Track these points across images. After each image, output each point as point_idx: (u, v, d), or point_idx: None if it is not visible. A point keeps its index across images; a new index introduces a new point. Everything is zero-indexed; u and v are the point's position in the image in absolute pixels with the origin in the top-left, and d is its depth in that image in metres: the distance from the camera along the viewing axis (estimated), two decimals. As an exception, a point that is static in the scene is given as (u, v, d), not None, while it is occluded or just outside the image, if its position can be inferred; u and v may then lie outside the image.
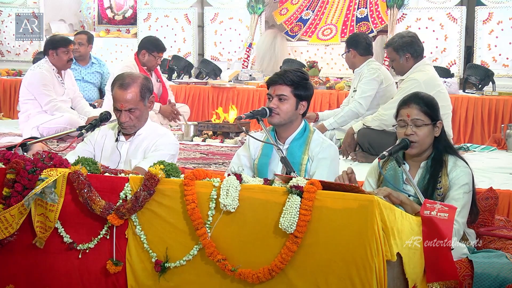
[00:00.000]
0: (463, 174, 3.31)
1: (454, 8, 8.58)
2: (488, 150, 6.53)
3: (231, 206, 2.73)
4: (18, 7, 10.75)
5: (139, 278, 2.93)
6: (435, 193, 3.31)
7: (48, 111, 6.71)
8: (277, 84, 3.58)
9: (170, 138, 3.88)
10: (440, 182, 3.31)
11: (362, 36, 6.44)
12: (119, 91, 3.73)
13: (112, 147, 3.83)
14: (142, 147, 3.79)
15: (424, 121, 3.33)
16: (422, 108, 3.34)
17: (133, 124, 3.76)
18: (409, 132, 3.33)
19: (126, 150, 3.81)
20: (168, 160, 3.65)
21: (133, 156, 3.78)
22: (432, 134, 3.36)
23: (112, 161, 3.76)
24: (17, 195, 2.95)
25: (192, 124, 6.92)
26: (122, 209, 2.88)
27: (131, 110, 3.72)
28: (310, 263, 2.66)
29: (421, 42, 5.71)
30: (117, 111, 3.75)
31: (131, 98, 3.71)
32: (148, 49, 7.11)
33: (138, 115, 3.75)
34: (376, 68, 6.10)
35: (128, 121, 3.74)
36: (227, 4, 10.01)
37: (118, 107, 3.73)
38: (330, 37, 9.36)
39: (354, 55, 6.23)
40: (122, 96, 3.71)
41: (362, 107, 6.08)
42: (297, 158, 3.56)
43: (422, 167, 3.38)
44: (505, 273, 3.10)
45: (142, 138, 3.81)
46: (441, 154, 3.37)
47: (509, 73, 8.26)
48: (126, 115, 3.73)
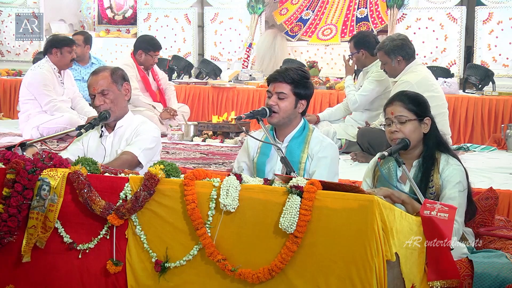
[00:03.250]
0: (456, 172, 3.32)
1: (454, 8, 8.58)
2: (488, 150, 6.52)
3: (231, 206, 2.73)
4: (18, 7, 10.76)
5: (139, 278, 2.93)
6: (427, 192, 3.31)
7: (48, 111, 6.71)
8: (277, 82, 3.58)
9: (149, 124, 3.98)
10: (432, 180, 3.31)
11: (371, 35, 6.39)
12: (91, 77, 3.90)
13: (97, 143, 3.92)
14: (125, 137, 3.89)
15: (408, 117, 3.34)
16: (406, 105, 3.36)
17: (109, 108, 3.84)
18: (393, 129, 3.34)
19: (111, 143, 3.90)
20: (151, 141, 3.86)
21: (117, 147, 3.87)
22: (419, 130, 3.36)
23: (98, 155, 3.83)
24: (17, 195, 2.95)
25: (192, 124, 6.92)
26: (122, 209, 2.88)
27: (103, 93, 3.83)
28: (310, 263, 2.66)
29: (411, 44, 5.71)
30: (92, 99, 3.88)
31: (102, 80, 3.85)
32: (144, 48, 7.11)
33: (112, 98, 3.85)
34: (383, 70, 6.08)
35: (102, 104, 3.84)
36: (227, 4, 10.01)
37: (91, 91, 3.87)
38: (330, 37, 9.36)
39: (365, 56, 6.18)
40: (93, 80, 3.87)
41: (356, 103, 6.10)
42: (296, 157, 3.56)
43: (415, 166, 3.38)
44: (505, 273, 3.10)
45: (124, 129, 3.91)
46: (432, 152, 3.37)
47: (509, 73, 8.26)
48: (100, 98, 3.84)
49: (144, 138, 3.84)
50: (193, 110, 8.28)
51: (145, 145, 3.83)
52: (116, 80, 3.89)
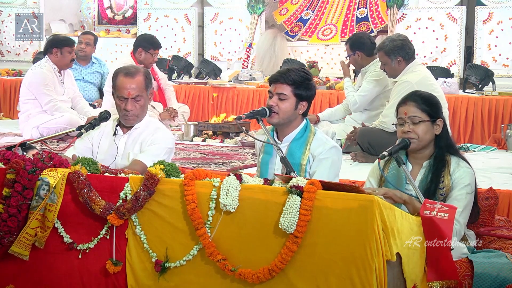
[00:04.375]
0: (466, 174, 3.31)
1: (454, 8, 8.58)
2: (488, 150, 6.52)
3: (231, 206, 2.73)
4: (18, 7, 10.75)
5: (139, 278, 2.93)
6: (437, 193, 3.30)
7: (48, 111, 6.71)
8: (278, 83, 3.58)
9: (166, 132, 3.90)
10: (442, 182, 3.31)
11: (366, 37, 6.40)
12: (125, 79, 3.73)
13: (110, 141, 3.83)
14: (139, 140, 3.81)
15: (422, 117, 3.33)
16: (419, 106, 3.35)
17: (137, 114, 3.77)
18: (406, 129, 3.34)
19: (124, 143, 3.81)
20: (165, 153, 3.74)
21: (131, 149, 3.79)
22: (431, 132, 3.35)
23: (109, 154, 3.77)
24: (17, 195, 2.95)
25: (192, 124, 6.92)
26: (122, 209, 2.88)
27: (136, 98, 3.73)
28: (310, 263, 2.66)
29: (411, 44, 5.71)
30: (122, 100, 3.74)
31: (137, 85, 3.73)
32: (144, 47, 7.11)
33: (142, 104, 3.76)
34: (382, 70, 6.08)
35: (133, 110, 3.74)
36: (227, 4, 10.01)
37: (125, 95, 3.72)
38: (330, 37, 9.36)
39: (361, 57, 6.19)
40: (129, 83, 3.72)
41: (356, 104, 6.12)
42: (297, 159, 3.55)
43: (425, 167, 3.37)
44: (505, 273, 3.10)
45: (140, 132, 3.83)
46: (443, 153, 3.36)
47: (509, 73, 8.26)
48: (132, 103, 3.73)
49: (158, 147, 3.74)
50: (193, 110, 8.28)
51: (158, 156, 3.66)
52: (147, 85, 3.79)
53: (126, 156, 3.78)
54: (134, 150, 3.78)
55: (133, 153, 3.77)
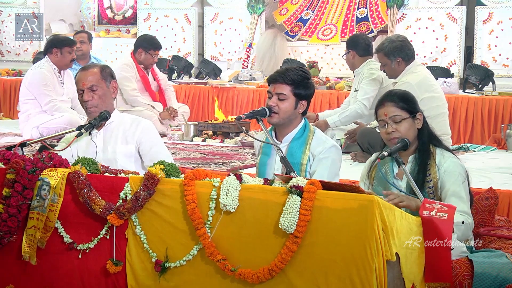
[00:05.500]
0: (454, 164, 3.34)
1: (454, 8, 8.58)
2: (488, 150, 6.53)
3: (231, 206, 2.73)
4: (18, 7, 10.76)
5: (139, 278, 2.93)
6: (425, 186, 3.31)
7: (48, 111, 6.71)
8: (277, 83, 3.58)
9: (149, 124, 3.94)
10: (429, 174, 3.32)
11: (362, 37, 6.51)
12: (80, 73, 3.86)
13: (87, 141, 3.85)
14: (119, 132, 3.83)
15: (402, 115, 3.36)
16: (397, 104, 3.38)
17: (96, 104, 3.81)
18: (390, 130, 3.37)
19: (102, 139, 3.85)
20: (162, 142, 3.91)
21: (109, 142, 3.82)
22: (413, 127, 3.38)
23: (90, 152, 3.79)
24: (17, 195, 2.95)
25: (192, 124, 6.92)
26: (122, 209, 2.88)
27: (92, 88, 3.79)
28: (310, 263, 2.66)
29: (411, 45, 5.72)
30: (80, 94, 3.83)
31: (92, 76, 3.81)
32: (144, 47, 7.12)
33: (100, 94, 3.81)
34: (376, 68, 6.12)
35: (91, 100, 3.79)
36: (227, 4, 10.01)
37: (80, 86, 3.82)
38: (330, 37, 9.36)
39: (353, 56, 6.28)
40: (83, 75, 3.82)
41: (366, 108, 6.11)
42: (297, 158, 3.55)
43: (411, 161, 3.40)
44: (505, 273, 3.10)
45: (116, 125, 3.86)
46: (427, 145, 3.40)
47: (509, 73, 8.27)
48: (88, 93, 3.79)
49: (160, 146, 3.88)
50: (193, 110, 8.29)
51: (167, 152, 3.87)
52: (105, 77, 3.86)
53: (106, 151, 3.82)
54: (117, 142, 3.82)
55: (111, 146, 3.80)
